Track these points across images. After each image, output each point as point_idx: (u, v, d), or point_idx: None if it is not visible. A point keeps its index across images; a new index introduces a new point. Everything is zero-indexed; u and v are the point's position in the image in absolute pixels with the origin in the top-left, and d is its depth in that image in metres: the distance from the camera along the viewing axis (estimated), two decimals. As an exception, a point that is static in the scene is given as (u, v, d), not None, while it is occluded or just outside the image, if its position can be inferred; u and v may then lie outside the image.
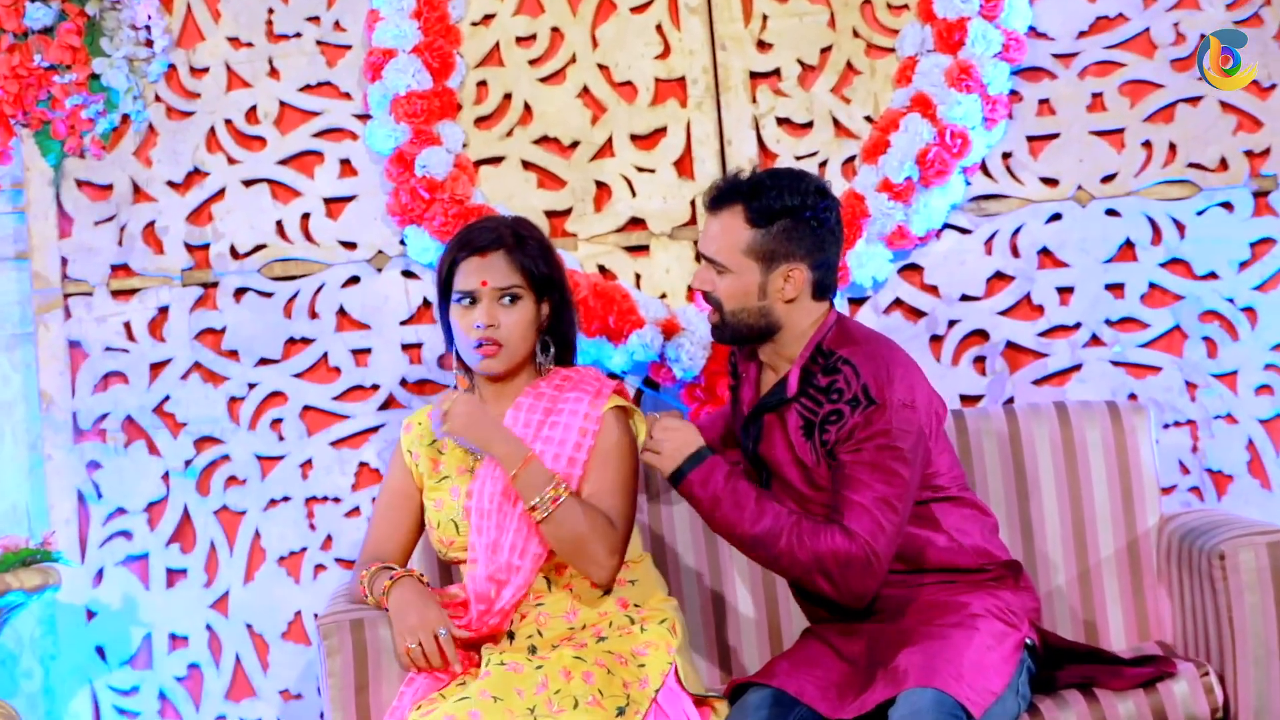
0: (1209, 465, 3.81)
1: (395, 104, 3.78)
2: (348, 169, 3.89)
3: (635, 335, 3.74)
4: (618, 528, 3.02)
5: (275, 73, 3.90)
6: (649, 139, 3.87)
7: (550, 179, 3.88)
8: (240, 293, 3.89)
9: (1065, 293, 3.83)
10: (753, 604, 3.48)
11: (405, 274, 3.88)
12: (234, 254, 3.90)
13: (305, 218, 3.89)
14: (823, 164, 3.84)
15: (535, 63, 3.89)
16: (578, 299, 3.48)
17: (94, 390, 3.88)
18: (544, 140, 3.88)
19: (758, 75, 3.87)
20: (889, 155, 3.74)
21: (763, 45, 3.87)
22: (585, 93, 3.88)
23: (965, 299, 3.84)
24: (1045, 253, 3.84)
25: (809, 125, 3.86)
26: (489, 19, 3.89)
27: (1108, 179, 3.83)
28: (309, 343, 3.89)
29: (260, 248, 3.89)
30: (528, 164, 3.88)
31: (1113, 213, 3.82)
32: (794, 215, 2.98)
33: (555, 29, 3.88)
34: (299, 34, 3.90)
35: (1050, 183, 3.84)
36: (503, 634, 3.06)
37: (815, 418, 2.98)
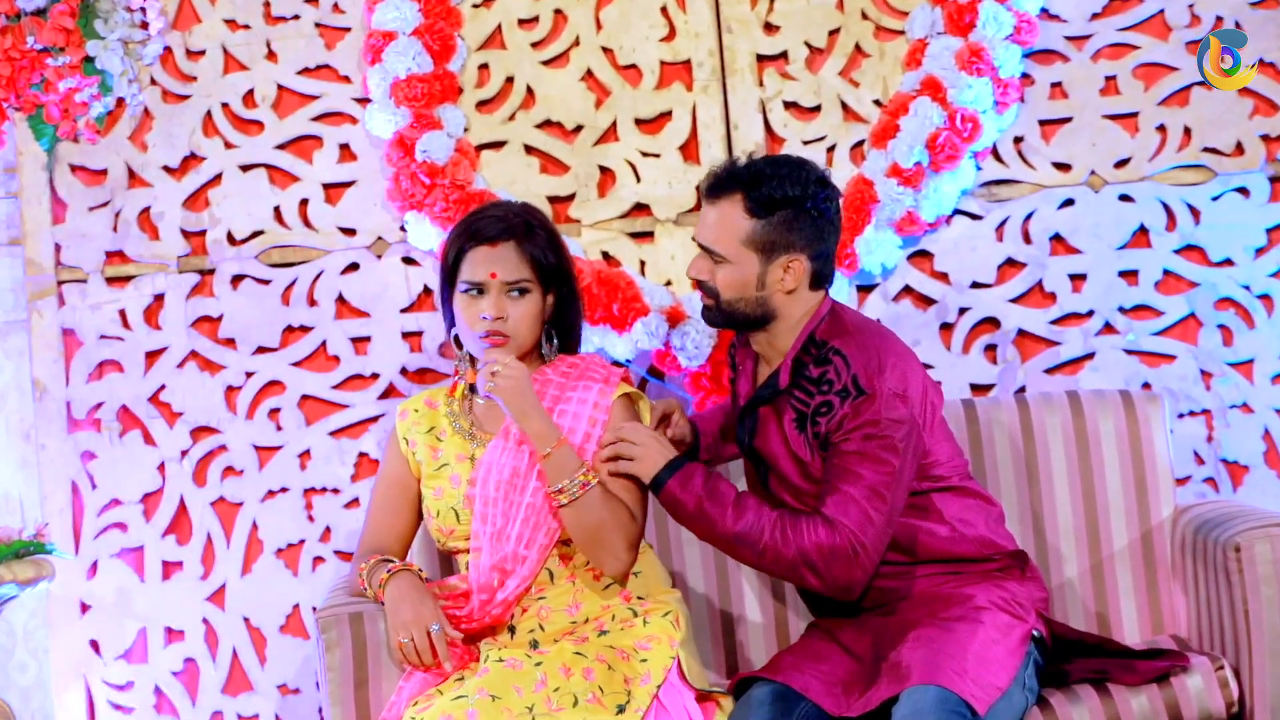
0: (1224, 455, 3.80)
1: (395, 87, 3.77)
2: (347, 154, 3.89)
3: (640, 323, 3.73)
4: (637, 520, 3.02)
5: (273, 55, 3.89)
6: (654, 123, 3.86)
7: (553, 164, 3.87)
8: (237, 280, 3.88)
9: (1078, 280, 3.82)
10: (758, 597, 3.47)
11: (406, 261, 3.87)
12: (231, 240, 3.88)
13: (304, 203, 3.88)
14: (831, 148, 3.83)
15: (538, 45, 3.88)
16: (582, 287, 3.40)
17: (88, 379, 3.87)
18: (547, 124, 3.87)
19: (765, 58, 3.86)
20: (898, 140, 3.73)
21: (770, 27, 3.86)
22: (589, 76, 3.88)
23: (976, 286, 3.82)
24: (1057, 239, 3.83)
25: (817, 109, 3.85)
26: (490, 1, 3.88)
27: (1121, 164, 3.82)
28: (307, 331, 3.88)
29: (258, 234, 3.88)
30: (530, 149, 3.87)
31: (1126, 198, 3.81)
32: (795, 206, 2.96)
33: (558, 11, 3.88)
34: (297, 16, 3.89)
35: (1063, 168, 3.83)
36: (504, 626, 3.04)
37: (807, 409, 2.98)
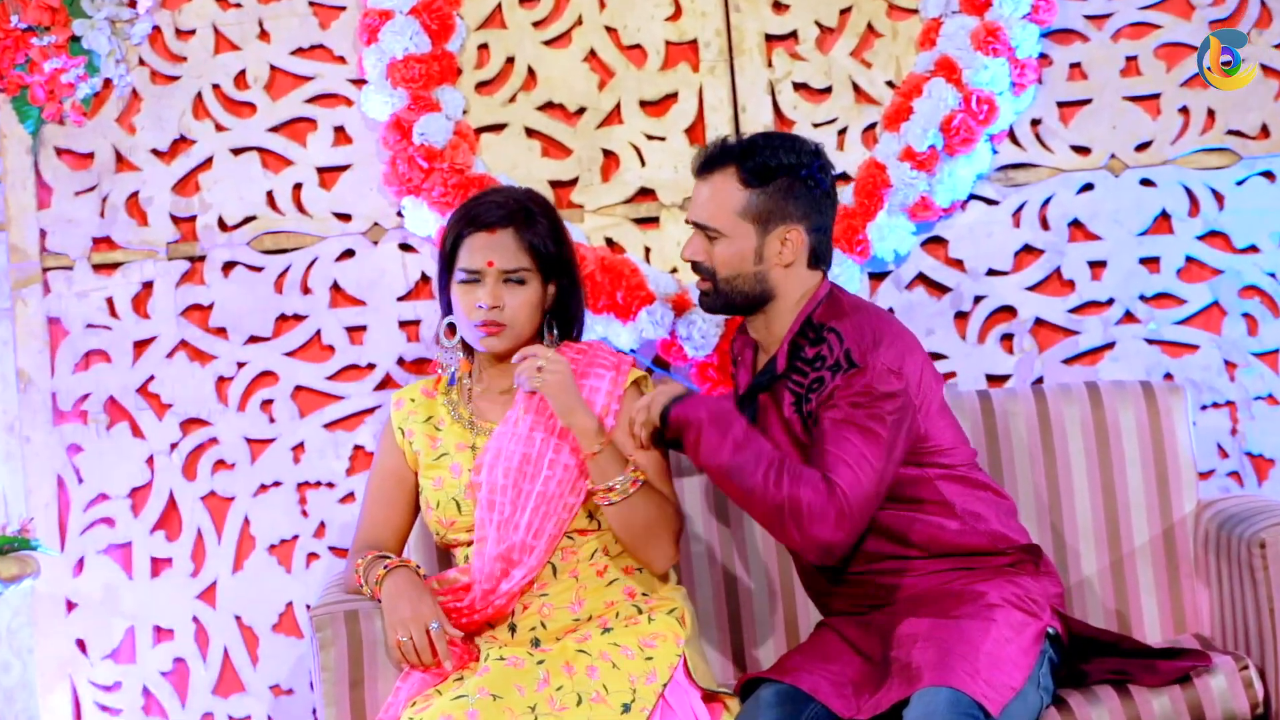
0: (1249, 449, 3.77)
1: (392, 68, 3.75)
2: (342, 137, 3.87)
3: (645, 312, 3.72)
4: (680, 514, 3.07)
5: (265, 35, 3.87)
6: (659, 105, 3.85)
7: (555, 147, 3.86)
8: (229, 267, 3.86)
9: (1097, 267, 3.80)
10: (767, 594, 3.46)
11: (403, 247, 3.85)
12: (222, 226, 3.87)
13: (297, 188, 3.87)
14: (842, 131, 3.83)
15: (539, 25, 3.86)
16: (584, 274, 3.49)
17: (74, 369, 3.86)
18: (549, 107, 3.86)
19: (774, 38, 3.84)
20: (912, 122, 3.71)
21: (779, 6, 3.84)
22: (592, 56, 3.86)
23: (992, 273, 3.81)
24: (1076, 225, 3.81)
25: (827, 91, 3.83)
26: (491, -21, 3.90)
27: (1142, 147, 3.80)
28: (301, 319, 3.87)
29: (250, 219, 3.87)
30: (531, 131, 3.86)
31: (1148, 182, 3.80)
32: (791, 173, 2.99)
33: (561, -11, 3.88)
34: (291, -7, 3.90)
35: (1082, 151, 3.81)
36: (504, 622, 3.03)
37: (802, 390, 2.99)
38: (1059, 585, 3.06)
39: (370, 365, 3.83)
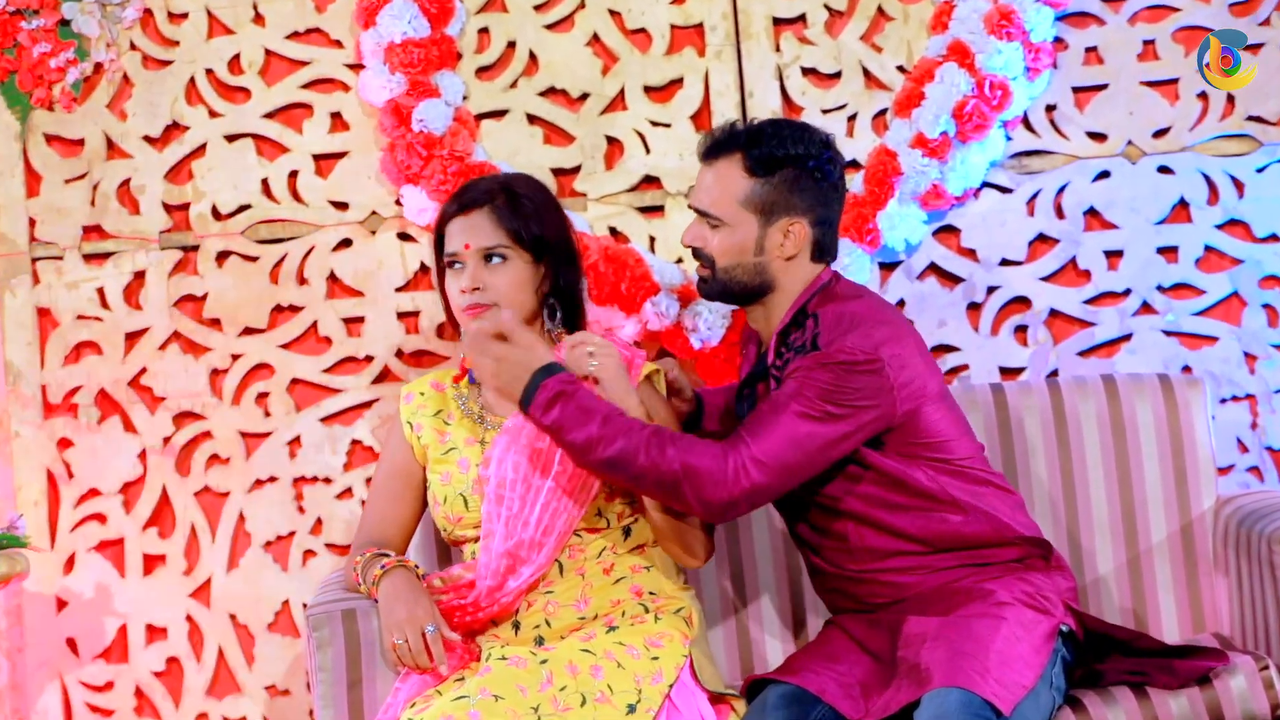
0: (1269, 443, 3.75)
1: (390, 52, 3.74)
2: (339, 123, 3.86)
3: (649, 303, 3.70)
4: None
5: (260, 18, 3.87)
6: (664, 91, 3.84)
7: (557, 134, 3.85)
8: (223, 257, 3.86)
9: (1114, 256, 3.78)
10: (775, 592, 3.45)
11: (401, 236, 3.84)
12: (216, 215, 3.86)
13: (293, 176, 3.86)
14: (852, 117, 3.82)
15: (541, 8, 3.85)
16: (587, 264, 3.51)
17: (64, 362, 3.86)
18: (551, 92, 3.85)
19: (781, 21, 3.83)
20: (923, 108, 3.69)
21: None
22: (595, 41, 3.85)
23: (1005, 263, 3.79)
24: (1092, 213, 3.79)
25: (837, 76, 3.82)
26: (491, -39, 3.90)
27: (1160, 133, 3.79)
28: (297, 311, 3.85)
29: (244, 208, 3.86)
30: (533, 118, 3.85)
31: (1165, 170, 3.78)
32: (798, 164, 2.98)
33: (563, -29, 3.89)
34: (286, -24, 3.90)
35: (1098, 138, 3.79)
36: (508, 619, 3.03)
37: (780, 376, 2.99)
38: (1071, 580, 3.04)
39: (368, 357, 3.83)
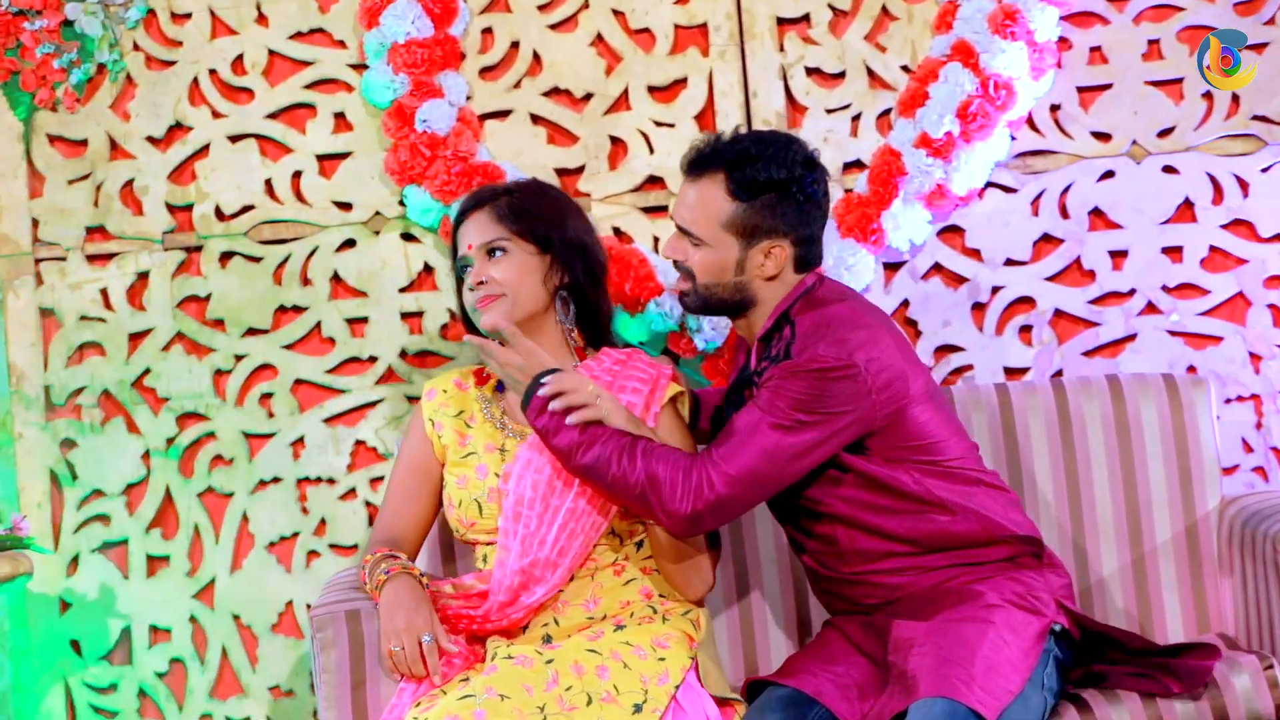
0: (1275, 443, 3.74)
1: (394, 53, 3.74)
2: (342, 123, 3.86)
3: (653, 304, 3.69)
4: (719, 542, 3.09)
5: (263, 19, 3.87)
6: (668, 91, 3.83)
7: (561, 134, 3.84)
8: (226, 257, 3.85)
9: (1118, 256, 3.77)
10: (779, 594, 3.46)
11: (405, 237, 3.84)
12: (219, 215, 3.86)
13: (296, 176, 3.85)
14: (856, 117, 3.81)
15: (545, 8, 3.85)
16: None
17: (68, 363, 3.86)
18: (554, 92, 3.84)
19: (785, 21, 3.82)
20: (928, 108, 3.68)
21: None
22: (599, 41, 3.84)
23: (1010, 264, 3.78)
24: (1096, 213, 3.78)
25: (841, 75, 3.81)
26: (495, -39, 3.89)
27: (1165, 133, 3.77)
28: (301, 311, 3.85)
29: (248, 209, 3.86)
30: (537, 118, 3.84)
31: (1170, 170, 3.77)
32: (779, 190, 2.97)
33: (567, -29, 3.88)
34: (289, -23, 3.89)
35: (1102, 137, 3.78)
36: (517, 628, 3.04)
37: (759, 384, 2.98)
38: (1065, 577, 3.04)
39: (372, 358, 3.82)
